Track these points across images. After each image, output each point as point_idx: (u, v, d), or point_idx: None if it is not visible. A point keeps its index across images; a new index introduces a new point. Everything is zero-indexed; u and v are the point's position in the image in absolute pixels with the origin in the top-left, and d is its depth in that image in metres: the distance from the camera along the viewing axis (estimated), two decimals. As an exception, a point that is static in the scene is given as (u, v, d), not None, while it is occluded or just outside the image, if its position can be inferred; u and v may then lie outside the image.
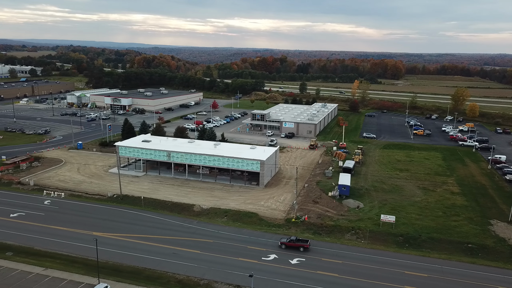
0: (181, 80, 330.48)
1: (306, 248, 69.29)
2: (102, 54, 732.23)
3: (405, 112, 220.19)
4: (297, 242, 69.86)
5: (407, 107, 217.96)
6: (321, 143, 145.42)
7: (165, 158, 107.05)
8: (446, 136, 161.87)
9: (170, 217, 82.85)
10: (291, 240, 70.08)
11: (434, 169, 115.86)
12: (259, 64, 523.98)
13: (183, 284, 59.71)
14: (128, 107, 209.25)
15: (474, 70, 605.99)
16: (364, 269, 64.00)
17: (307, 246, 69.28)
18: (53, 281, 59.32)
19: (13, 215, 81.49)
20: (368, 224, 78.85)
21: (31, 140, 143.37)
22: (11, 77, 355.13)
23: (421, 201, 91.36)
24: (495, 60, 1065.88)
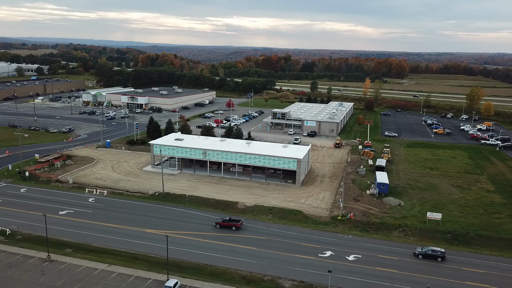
0: (190, 79, 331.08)
1: (238, 227, 75.83)
2: (103, 53, 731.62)
3: (419, 111, 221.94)
4: (230, 221, 76.82)
5: (421, 106, 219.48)
6: (345, 142, 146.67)
7: (201, 156, 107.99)
8: (466, 135, 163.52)
9: (216, 214, 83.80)
10: (225, 220, 77.05)
11: (463, 168, 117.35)
12: (263, 63, 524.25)
13: (247, 280, 60.78)
14: (145, 105, 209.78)
15: (477, 69, 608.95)
16: (421, 265, 65.32)
17: (239, 225, 76.00)
18: (120, 277, 60.27)
19: (62, 213, 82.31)
20: (414, 221, 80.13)
21: (57, 139, 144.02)
22: (18, 76, 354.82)
23: (459, 199, 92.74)
24: (494, 59, 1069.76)
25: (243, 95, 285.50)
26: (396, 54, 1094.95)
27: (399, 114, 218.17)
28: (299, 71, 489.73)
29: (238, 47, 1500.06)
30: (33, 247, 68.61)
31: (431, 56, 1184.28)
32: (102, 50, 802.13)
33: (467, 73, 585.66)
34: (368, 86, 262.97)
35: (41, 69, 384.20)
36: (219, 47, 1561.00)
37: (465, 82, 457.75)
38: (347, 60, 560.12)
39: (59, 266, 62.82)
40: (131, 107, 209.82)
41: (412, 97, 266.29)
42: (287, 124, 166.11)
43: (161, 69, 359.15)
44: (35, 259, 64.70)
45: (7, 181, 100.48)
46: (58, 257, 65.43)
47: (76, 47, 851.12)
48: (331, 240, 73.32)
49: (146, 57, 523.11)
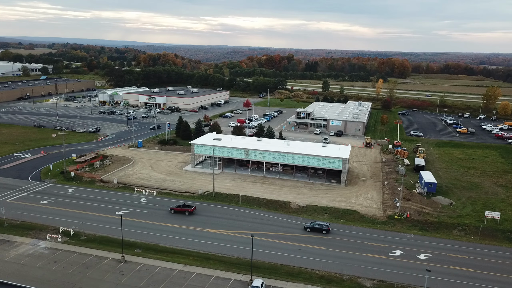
0: (199, 79, 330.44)
1: (191, 212, 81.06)
2: (103, 52, 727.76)
3: (435, 111, 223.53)
4: (184, 207, 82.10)
5: (438, 105, 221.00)
6: (374, 141, 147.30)
7: (243, 156, 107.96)
8: (490, 134, 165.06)
9: (271, 213, 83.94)
10: (179, 206, 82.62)
11: (499, 167, 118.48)
12: (266, 62, 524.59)
13: (326, 279, 60.93)
14: (163, 105, 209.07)
15: (477, 69, 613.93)
16: (495, 264, 65.92)
17: (192, 210, 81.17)
18: (201, 277, 60.15)
19: (119, 213, 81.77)
20: (471, 220, 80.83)
21: (85, 139, 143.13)
22: (23, 75, 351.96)
23: (507, 198, 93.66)
24: (490, 59, 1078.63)
25: (255, 94, 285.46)
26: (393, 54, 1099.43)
27: (416, 113, 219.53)
28: (302, 71, 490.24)
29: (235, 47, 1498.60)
30: (102, 247, 68.23)
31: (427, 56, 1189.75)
32: (101, 49, 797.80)
33: (467, 72, 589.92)
34: (380, 86, 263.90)
35: (46, 68, 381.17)
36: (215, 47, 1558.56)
37: (468, 82, 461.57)
38: (350, 60, 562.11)
39: (135, 266, 62.54)
40: (149, 107, 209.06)
41: (425, 96, 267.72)
42: (312, 123, 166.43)
43: (169, 68, 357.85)
44: (109, 259, 64.33)
45: (51, 181, 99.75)
46: (131, 257, 65.14)
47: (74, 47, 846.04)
48: (396, 239, 73.72)
49: (148, 57, 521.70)
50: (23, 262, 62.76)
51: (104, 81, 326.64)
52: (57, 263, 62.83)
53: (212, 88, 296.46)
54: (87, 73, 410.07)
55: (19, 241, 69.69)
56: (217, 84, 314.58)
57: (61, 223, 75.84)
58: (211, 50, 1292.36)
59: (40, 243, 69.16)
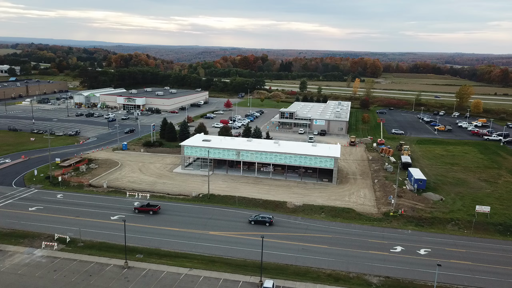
0: (176, 79, 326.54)
1: (155, 211, 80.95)
2: (71, 53, 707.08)
3: (411, 109, 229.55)
4: (148, 206, 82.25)
5: (413, 104, 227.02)
6: (358, 140, 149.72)
7: (234, 156, 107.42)
8: (466, 131, 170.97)
9: (269, 214, 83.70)
10: (143, 205, 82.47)
11: (480, 163, 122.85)
12: (240, 62, 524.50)
13: (333, 277, 61.43)
14: (142, 106, 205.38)
15: (444, 69, 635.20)
16: (491, 256, 68.26)
17: (156, 210, 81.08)
18: (209, 281, 59.41)
19: (114, 218, 79.84)
20: (462, 215, 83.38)
21: (66, 142, 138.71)
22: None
23: (492, 192, 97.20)
24: (454, 59, 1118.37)
25: (233, 95, 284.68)
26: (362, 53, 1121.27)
27: (393, 112, 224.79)
28: (277, 71, 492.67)
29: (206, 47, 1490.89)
30: (102, 254, 66.29)
31: (395, 56, 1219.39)
32: (69, 50, 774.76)
33: (435, 72, 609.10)
34: (357, 86, 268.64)
35: (13, 70, 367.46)
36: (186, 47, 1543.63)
37: (437, 81, 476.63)
38: (323, 60, 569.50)
39: (140, 272, 61.10)
40: (128, 109, 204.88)
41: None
42: (295, 123, 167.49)
43: (144, 69, 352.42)
44: (111, 266, 62.57)
45: (37, 187, 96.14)
46: (134, 263, 63.60)
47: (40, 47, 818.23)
48: (395, 236, 75.19)
49: (120, 57, 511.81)
50: (20, 272, 60.15)
51: (77, 83, 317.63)
52: (58, 271, 60.58)
53: (189, 88, 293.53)
54: (57, 74, 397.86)
55: (12, 250, 66.77)
56: (194, 85, 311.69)
57: (55, 230, 73.25)
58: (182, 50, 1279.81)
59: (36, 251, 66.51)
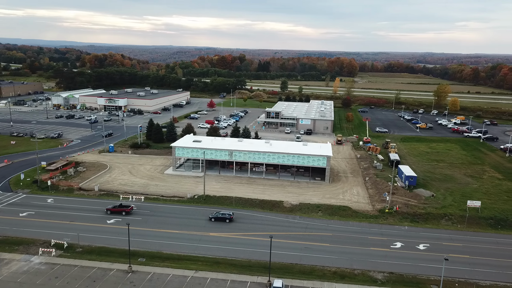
0: (155, 80, 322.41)
1: (128, 212, 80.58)
2: (41, 53, 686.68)
3: (391, 108, 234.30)
4: (120, 207, 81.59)
5: (393, 102, 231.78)
6: (344, 139, 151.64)
7: (227, 157, 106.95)
8: (447, 129, 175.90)
9: (267, 214, 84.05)
10: (115, 206, 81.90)
11: (464, 159, 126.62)
12: (218, 62, 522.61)
13: (339, 275, 62.08)
14: (124, 107, 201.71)
15: (418, 68, 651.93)
16: (486, 250, 70.50)
17: (128, 210, 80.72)
18: (217, 282, 58.98)
19: (111, 221, 78.20)
20: (454, 210, 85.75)
21: (49, 145, 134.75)
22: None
23: (479, 187, 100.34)
24: (426, 58, 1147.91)
25: (214, 95, 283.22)
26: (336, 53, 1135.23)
27: (374, 110, 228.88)
28: (255, 71, 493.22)
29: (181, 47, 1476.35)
30: (103, 259, 64.77)
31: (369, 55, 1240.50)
32: (39, 50, 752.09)
33: (409, 71, 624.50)
34: (337, 85, 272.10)
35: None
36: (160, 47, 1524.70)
37: (412, 80, 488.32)
38: (300, 59, 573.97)
39: (145, 276, 60.06)
40: (109, 110, 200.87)
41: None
42: (281, 123, 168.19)
43: (122, 69, 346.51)
44: (114, 271, 61.24)
45: (24, 191, 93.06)
46: (137, 267, 62.44)
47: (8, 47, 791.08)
48: (393, 232, 76.61)
49: (94, 57, 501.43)
50: (20, 280, 58.11)
51: (52, 84, 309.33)
52: (59, 278, 58.83)
53: (169, 89, 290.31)
54: (30, 75, 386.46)
55: (8, 257, 64.39)
56: (173, 85, 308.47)
57: (50, 235, 71.08)
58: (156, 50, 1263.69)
59: (33, 258, 64.38)
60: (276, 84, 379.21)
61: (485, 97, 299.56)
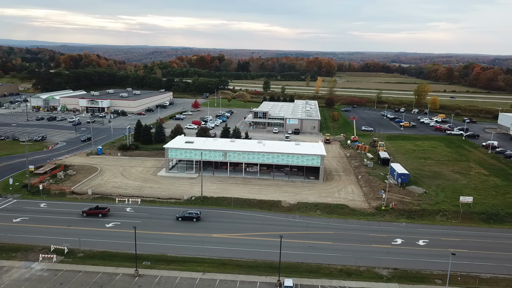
0: (135, 80, 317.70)
1: (104, 214, 79.63)
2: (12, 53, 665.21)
3: (373, 107, 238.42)
4: (96, 209, 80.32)
5: (375, 101, 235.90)
6: (331, 138, 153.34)
7: (221, 158, 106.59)
8: (429, 127, 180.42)
9: (266, 214, 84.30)
10: (91, 208, 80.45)
11: (450, 156, 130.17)
12: (197, 62, 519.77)
13: (345, 272, 62.89)
14: (107, 109, 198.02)
15: (393, 67, 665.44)
16: (482, 244, 72.78)
17: (105, 212, 79.77)
18: (226, 283, 58.81)
19: (109, 225, 76.80)
20: (448, 206, 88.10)
21: (34, 148, 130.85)
22: None
23: (468, 183, 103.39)
24: (400, 58, 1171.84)
25: (197, 95, 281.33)
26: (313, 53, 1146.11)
27: (357, 110, 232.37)
28: (235, 71, 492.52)
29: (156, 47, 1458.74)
30: (107, 263, 63.55)
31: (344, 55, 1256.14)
32: (10, 50, 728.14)
33: (385, 70, 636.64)
34: (319, 85, 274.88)
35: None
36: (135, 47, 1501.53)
37: (389, 79, 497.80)
38: (279, 59, 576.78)
39: (153, 279, 59.31)
40: (91, 111, 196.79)
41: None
42: (269, 123, 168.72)
43: (101, 70, 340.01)
44: (121, 275, 60.22)
45: (14, 196, 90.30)
46: (144, 270, 61.60)
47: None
48: (392, 229, 78.12)
49: (69, 58, 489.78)
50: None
51: (27, 85, 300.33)
52: (64, 284, 57.41)
53: (149, 89, 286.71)
54: (2, 76, 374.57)
55: (7, 265, 62.41)
56: (154, 85, 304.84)
57: (47, 241, 69.27)
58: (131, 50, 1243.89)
59: (33, 265, 62.59)
60: (257, 84, 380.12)
61: (461, 96, 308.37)
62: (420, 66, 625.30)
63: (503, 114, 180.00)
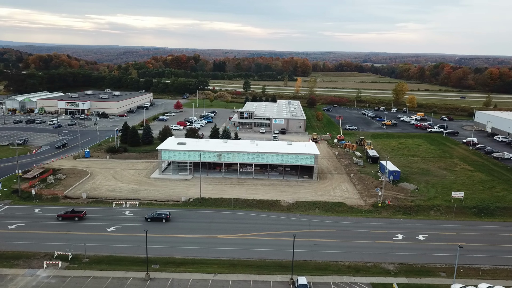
0: (111, 81, 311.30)
1: (80, 217, 78.36)
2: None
3: (352, 106, 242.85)
4: (72, 213, 78.88)
5: (355, 101, 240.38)
6: (318, 137, 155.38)
7: (216, 158, 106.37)
8: (410, 125, 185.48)
9: (267, 213, 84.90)
10: (67, 212, 79.15)
11: (434, 153, 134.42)
12: (172, 62, 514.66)
13: (353, 268, 64.26)
14: (87, 111, 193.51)
15: (366, 67, 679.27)
16: (478, 236, 75.87)
17: (81, 215, 78.52)
18: (239, 284, 59.00)
19: (111, 229, 75.48)
20: (440, 201, 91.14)
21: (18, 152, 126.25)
22: None
23: (456, 179, 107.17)
24: (370, 58, 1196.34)
25: (177, 96, 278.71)
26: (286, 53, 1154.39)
27: (338, 109, 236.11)
28: (210, 71, 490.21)
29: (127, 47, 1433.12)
30: (115, 268, 62.54)
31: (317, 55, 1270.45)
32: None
33: (358, 70, 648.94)
34: (299, 85, 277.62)
35: None
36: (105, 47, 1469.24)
37: (363, 78, 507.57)
38: (255, 59, 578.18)
39: (166, 282, 58.83)
40: (71, 113, 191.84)
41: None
42: (255, 123, 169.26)
43: (75, 71, 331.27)
44: (131, 279, 59.40)
45: (5, 202, 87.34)
46: (154, 274, 60.97)
47: None
48: (391, 225, 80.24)
49: (38, 58, 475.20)
50: (32, 296, 54.84)
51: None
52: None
53: (126, 90, 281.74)
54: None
55: (10, 273, 60.45)
56: (131, 86, 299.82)
57: (49, 247, 67.54)
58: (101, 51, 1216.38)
59: (38, 272, 60.89)
60: (235, 84, 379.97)
61: (435, 94, 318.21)
62: (392, 66, 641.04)
63: (479, 112, 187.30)
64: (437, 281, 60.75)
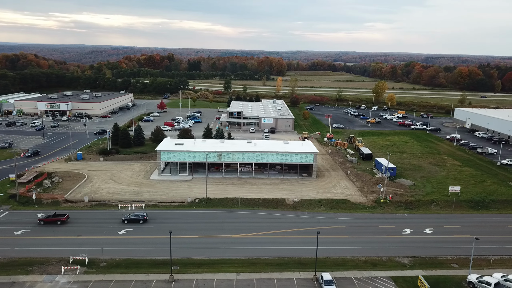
0: (87, 81, 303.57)
1: (63, 221, 76.44)
2: None
3: (334, 104, 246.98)
4: (54, 217, 76.84)
5: (336, 99, 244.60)
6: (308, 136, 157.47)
7: (215, 159, 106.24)
8: (393, 122, 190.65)
9: (275, 212, 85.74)
10: (49, 216, 77.12)
11: (421, 149, 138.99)
12: (145, 62, 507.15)
13: (370, 263, 66.03)
14: (69, 112, 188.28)
15: (339, 66, 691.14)
16: (480, 228, 79.31)
17: (64, 219, 76.56)
18: (264, 282, 59.60)
19: (122, 232, 74.33)
20: (438, 196, 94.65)
21: (3, 156, 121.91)
22: None
23: (448, 174, 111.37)
24: (341, 57, 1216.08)
25: (156, 96, 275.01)
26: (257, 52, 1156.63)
27: (320, 107, 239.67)
28: (185, 70, 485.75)
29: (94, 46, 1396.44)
30: (136, 271, 61.76)
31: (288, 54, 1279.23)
32: None
33: (331, 69, 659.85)
34: (280, 84, 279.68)
35: None
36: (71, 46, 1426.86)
37: (337, 77, 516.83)
38: (230, 58, 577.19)
39: (191, 283, 58.71)
40: (51, 115, 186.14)
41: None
42: (244, 122, 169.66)
43: (48, 71, 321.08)
44: (155, 282, 58.94)
45: (4, 208, 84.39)
46: (177, 275, 60.67)
47: None
48: (397, 220, 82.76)
49: (4, 58, 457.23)
50: (57, 303, 53.51)
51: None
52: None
53: (103, 91, 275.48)
54: None
55: (28, 280, 58.71)
56: (108, 87, 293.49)
57: (62, 252, 66.01)
58: (67, 50, 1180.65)
59: (57, 278, 59.40)
60: (213, 83, 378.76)
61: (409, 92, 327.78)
62: (364, 65, 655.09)
63: (458, 109, 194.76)
64: (452, 272, 63.30)
